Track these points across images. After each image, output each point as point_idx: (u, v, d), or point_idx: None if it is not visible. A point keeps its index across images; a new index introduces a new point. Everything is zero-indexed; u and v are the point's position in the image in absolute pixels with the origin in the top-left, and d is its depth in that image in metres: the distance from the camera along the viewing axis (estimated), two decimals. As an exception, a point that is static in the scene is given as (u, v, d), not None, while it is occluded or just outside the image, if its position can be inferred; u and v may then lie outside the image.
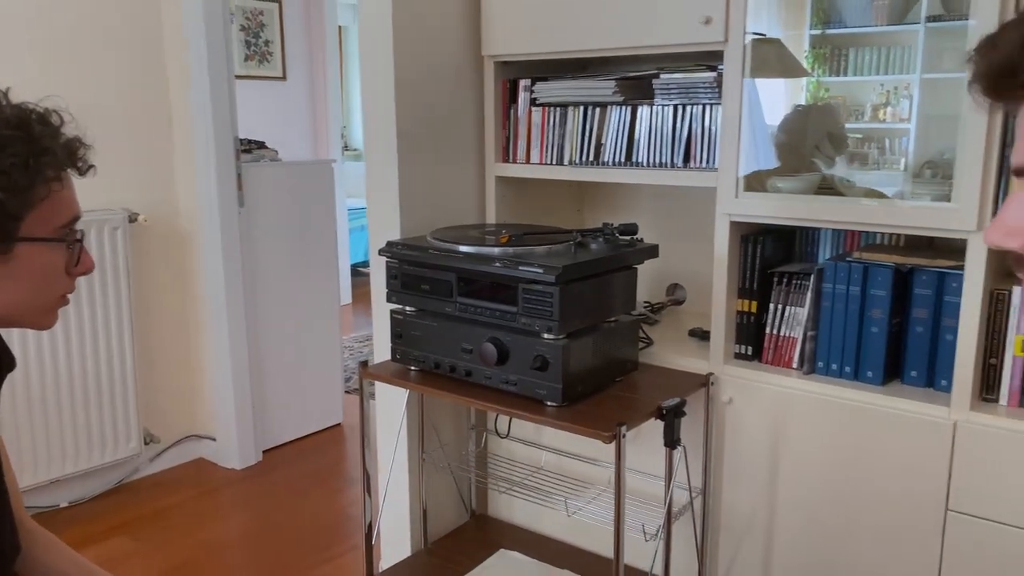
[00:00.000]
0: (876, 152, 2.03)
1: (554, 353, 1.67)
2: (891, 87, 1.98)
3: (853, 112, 2.05)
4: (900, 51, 1.91)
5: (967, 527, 1.60)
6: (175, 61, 2.96)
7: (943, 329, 1.68)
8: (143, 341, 3.00)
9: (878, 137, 2.03)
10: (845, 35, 1.95)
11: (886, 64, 1.94)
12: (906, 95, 1.96)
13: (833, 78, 2.04)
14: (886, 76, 1.97)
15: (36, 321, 1.00)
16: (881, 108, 2.02)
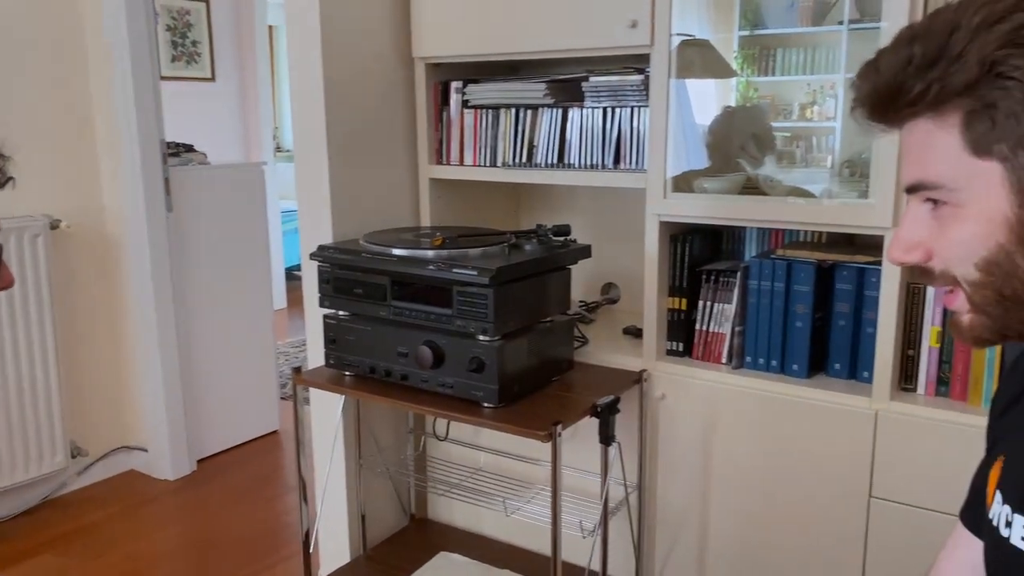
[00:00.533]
0: (804, 151, 2.09)
1: (490, 354, 1.68)
2: (817, 86, 2.05)
3: (782, 111, 2.10)
4: (825, 51, 1.97)
5: (889, 512, 1.67)
6: (98, 62, 2.87)
7: (864, 322, 1.74)
8: (69, 351, 2.90)
9: (806, 136, 2.09)
10: (773, 36, 2.00)
11: (812, 64, 2.00)
12: (831, 94, 2.03)
13: (762, 78, 2.10)
14: (812, 76, 2.03)
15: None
16: (808, 107, 2.08)
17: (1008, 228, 0.67)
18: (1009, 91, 0.64)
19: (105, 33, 2.81)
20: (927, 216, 0.72)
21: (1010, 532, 0.76)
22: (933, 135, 0.69)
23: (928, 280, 0.75)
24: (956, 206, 0.70)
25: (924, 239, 0.73)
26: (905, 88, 0.68)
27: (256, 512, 2.87)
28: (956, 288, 0.73)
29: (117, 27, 2.78)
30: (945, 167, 0.69)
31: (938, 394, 1.67)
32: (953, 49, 0.65)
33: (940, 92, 0.67)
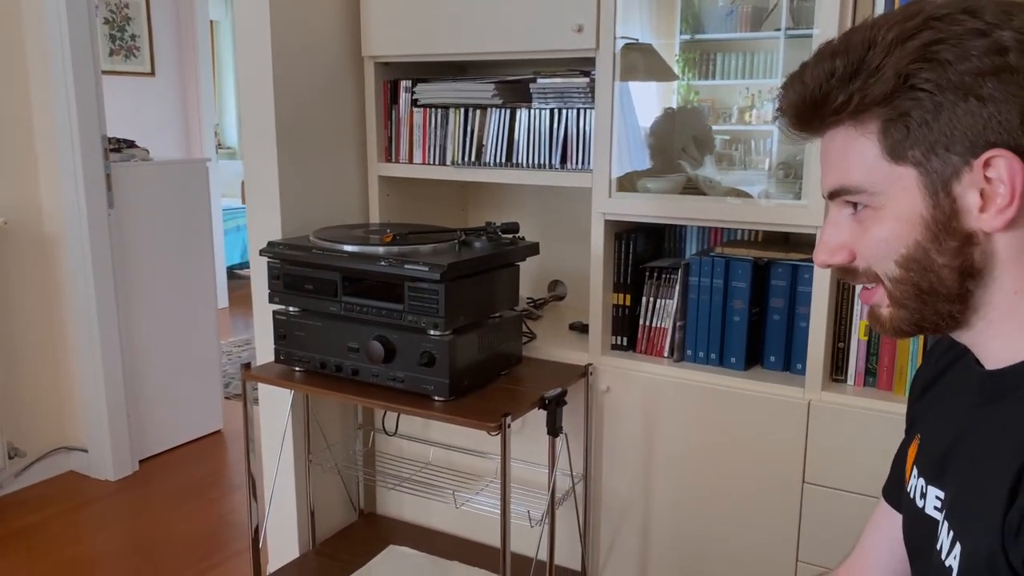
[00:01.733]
0: (742, 153, 2.17)
1: (441, 349, 1.71)
2: (756, 91, 2.12)
3: (721, 114, 2.18)
4: (763, 57, 2.05)
5: (821, 497, 1.75)
6: (36, 55, 2.82)
7: (798, 317, 1.83)
8: (5, 349, 2.84)
9: (745, 138, 2.17)
10: (712, 41, 2.07)
11: (750, 69, 2.07)
12: (769, 98, 2.11)
13: (702, 82, 2.17)
14: (751, 80, 2.11)
15: None
16: (747, 111, 2.16)
17: (924, 226, 0.73)
18: (921, 101, 0.70)
19: (44, 23, 2.75)
20: (848, 220, 0.78)
21: (924, 503, 0.83)
22: (854, 142, 0.75)
23: (852, 278, 0.81)
24: (876, 208, 0.75)
25: (847, 241, 0.78)
26: (829, 98, 0.74)
27: (200, 512, 2.85)
28: (876, 284, 0.79)
29: (57, 20, 2.73)
30: (865, 172, 0.75)
31: (866, 384, 1.76)
32: (871, 63, 0.71)
33: (860, 102, 0.73)
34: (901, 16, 0.71)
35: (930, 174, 0.72)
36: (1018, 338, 0.74)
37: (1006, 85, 0.67)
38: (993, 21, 0.68)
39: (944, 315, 0.76)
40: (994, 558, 0.70)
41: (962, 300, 0.74)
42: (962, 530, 0.75)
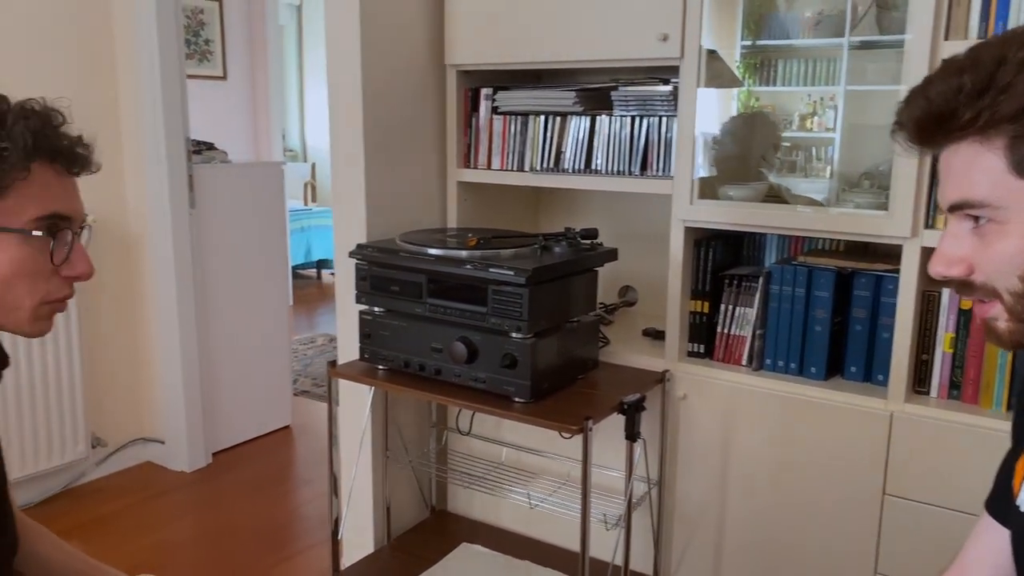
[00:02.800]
0: (803, 160, 2.16)
1: (523, 351, 1.75)
2: (817, 97, 2.11)
3: (783, 121, 2.18)
4: (826, 63, 2.03)
5: (902, 510, 1.74)
6: (124, 58, 2.93)
7: (880, 328, 1.82)
8: (91, 344, 2.95)
9: (806, 145, 2.16)
10: (773, 47, 2.05)
11: (812, 76, 2.06)
12: (831, 105, 2.10)
13: (763, 88, 2.16)
14: (813, 87, 2.10)
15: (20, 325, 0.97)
16: (808, 118, 2.15)
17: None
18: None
19: (136, 32, 2.86)
20: (968, 233, 0.78)
21: None
22: (979, 157, 0.75)
23: (967, 292, 0.81)
24: (1000, 223, 0.75)
25: (966, 255, 0.78)
26: (956, 114, 0.75)
27: (272, 505, 2.93)
28: (994, 299, 0.79)
29: (147, 26, 2.84)
30: (990, 187, 0.75)
31: (950, 397, 1.75)
32: (1001, 80, 0.72)
33: (990, 119, 0.73)
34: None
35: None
36: None
37: None
38: None
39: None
40: None
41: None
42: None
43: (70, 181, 0.99)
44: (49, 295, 0.97)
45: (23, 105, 0.95)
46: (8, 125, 0.91)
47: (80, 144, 1.00)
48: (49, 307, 0.98)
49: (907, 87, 1.57)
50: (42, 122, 0.95)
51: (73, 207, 0.98)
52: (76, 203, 0.99)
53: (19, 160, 0.90)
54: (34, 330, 0.98)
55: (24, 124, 0.92)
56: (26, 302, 0.95)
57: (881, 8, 1.83)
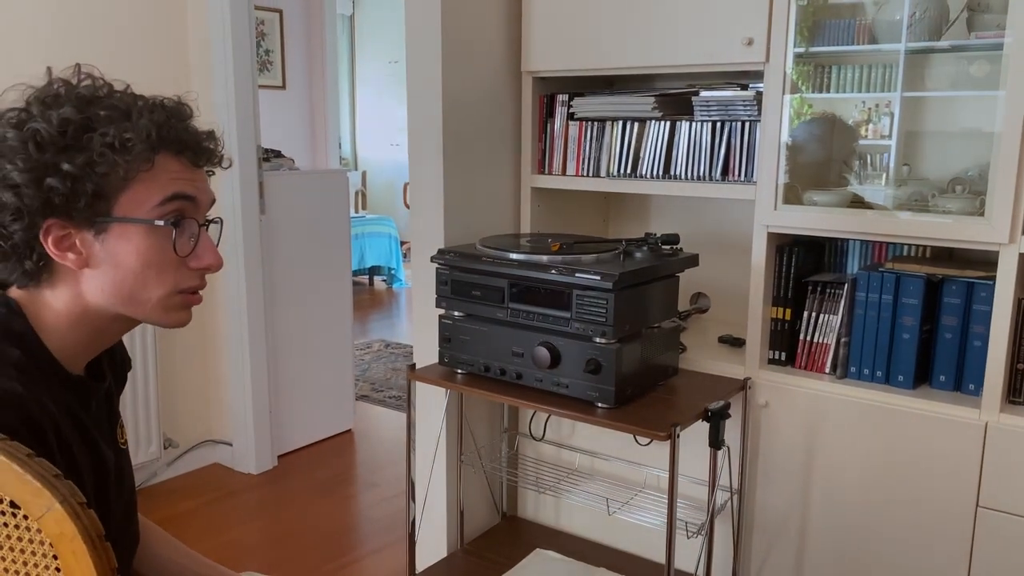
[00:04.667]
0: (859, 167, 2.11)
1: (607, 356, 1.74)
2: (872, 104, 2.07)
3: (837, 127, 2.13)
4: (881, 69, 1.98)
5: (997, 522, 1.70)
6: (200, 68, 3.00)
7: (971, 336, 1.78)
8: (165, 347, 3.02)
9: (861, 152, 2.10)
10: (827, 53, 2.00)
11: (867, 82, 2.02)
12: (887, 112, 2.06)
13: (816, 95, 2.12)
14: (867, 94, 2.05)
15: (153, 316, 0.99)
16: (863, 124, 2.11)
17: None
18: None
19: (211, 42, 2.93)
20: None
21: None
22: None
23: None
24: None
25: None
26: None
27: (338, 508, 2.96)
28: None
29: (222, 37, 2.90)
30: None
31: (1047, 408, 1.70)
32: None
33: None
34: None
35: None
36: None
37: None
38: None
39: None
40: None
41: None
42: None
43: (198, 172, 1.00)
44: (178, 285, 0.99)
45: (151, 100, 0.97)
46: (134, 118, 0.93)
47: (208, 138, 1.02)
48: (181, 297, 1.00)
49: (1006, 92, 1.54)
50: (168, 115, 0.97)
51: (198, 191, 0.99)
52: (202, 190, 1.00)
53: (143, 151, 0.93)
54: (168, 320, 1.00)
55: (149, 117, 0.94)
56: (155, 293, 0.97)
57: (973, 10, 1.80)
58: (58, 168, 0.90)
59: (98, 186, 0.92)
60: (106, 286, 0.95)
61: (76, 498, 0.77)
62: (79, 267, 0.95)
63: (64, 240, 0.93)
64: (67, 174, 0.90)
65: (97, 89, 0.97)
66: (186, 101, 1.02)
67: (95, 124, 0.92)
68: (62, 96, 0.94)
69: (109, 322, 0.99)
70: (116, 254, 0.94)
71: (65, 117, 0.91)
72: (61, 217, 0.92)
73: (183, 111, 1.00)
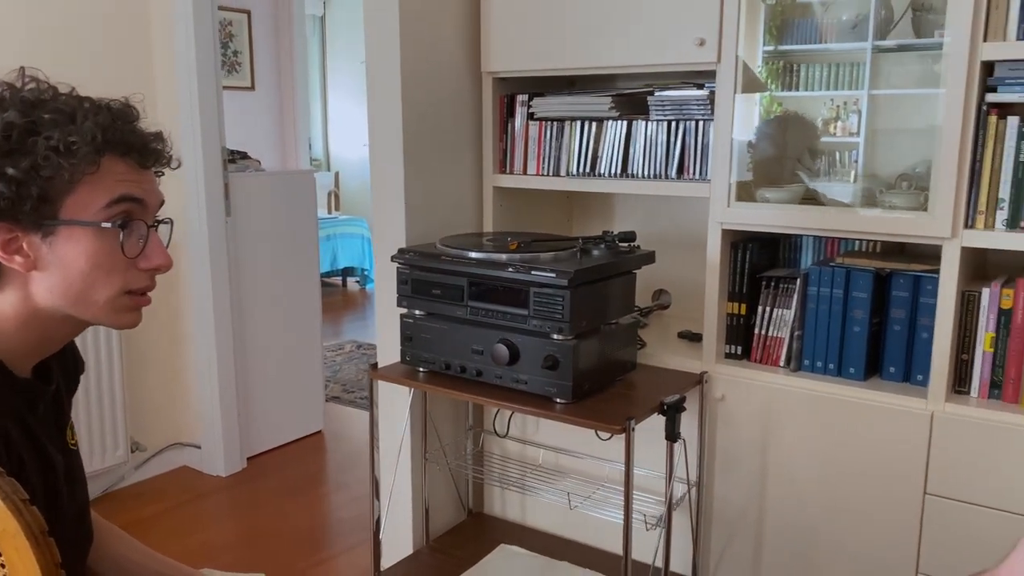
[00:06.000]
0: (826, 164, 2.16)
1: (564, 353, 1.77)
2: (840, 102, 2.12)
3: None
4: (849, 68, 2.03)
5: (944, 509, 1.75)
6: (163, 68, 2.99)
7: (919, 328, 1.83)
8: (131, 350, 3.01)
9: (830, 150, 2.15)
10: (796, 51, 2.05)
11: (835, 80, 2.07)
12: (855, 110, 2.11)
13: (785, 93, 2.17)
14: (836, 92, 2.10)
15: (102, 317, 0.99)
16: (831, 122, 2.16)
17: None
18: None
19: (174, 43, 2.92)
20: None
21: None
22: None
23: None
24: None
25: None
26: None
27: (308, 508, 2.96)
28: None
29: (185, 38, 2.90)
30: None
31: (991, 396, 1.75)
32: None
33: None
34: None
35: None
36: None
37: None
38: None
39: None
40: None
41: None
42: None
43: (145, 174, 1.00)
44: (127, 286, 0.99)
45: (97, 102, 0.98)
46: (78, 121, 0.94)
47: (155, 140, 1.02)
48: (130, 299, 1.00)
49: (946, 89, 1.59)
50: (113, 118, 0.97)
51: (145, 193, 0.99)
52: (150, 192, 1.00)
53: (88, 154, 0.93)
54: (118, 322, 1.01)
55: (94, 120, 0.95)
56: (103, 294, 0.97)
57: (917, 11, 1.84)
58: (3, 172, 0.91)
59: (43, 190, 0.93)
60: (55, 288, 0.96)
61: (18, 495, 0.78)
62: (27, 270, 0.95)
63: (11, 243, 0.94)
64: (11, 178, 0.91)
65: (41, 92, 0.97)
66: (133, 103, 1.03)
67: (39, 128, 0.93)
68: (6, 100, 0.94)
69: (58, 324, 1.00)
70: (64, 256, 0.95)
71: (9, 121, 0.92)
72: (7, 221, 0.93)
73: (129, 113, 1.01)
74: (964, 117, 1.63)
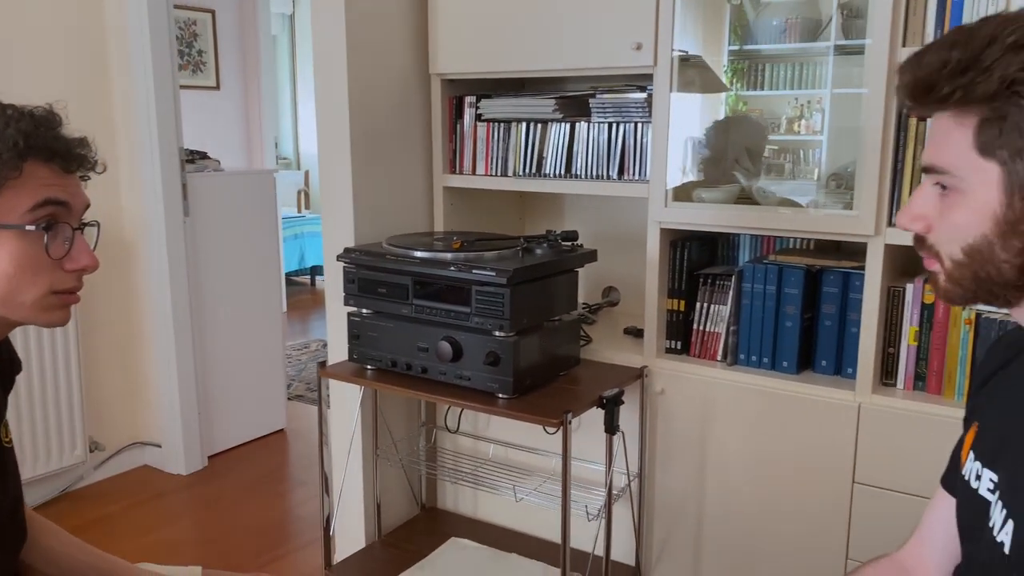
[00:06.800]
0: (791, 163, 2.23)
1: (505, 349, 1.82)
2: (804, 101, 2.18)
3: (770, 125, 2.25)
4: (813, 68, 2.10)
5: (871, 497, 1.82)
6: (119, 68, 3.00)
7: (848, 323, 1.89)
8: (89, 349, 3.02)
9: (794, 148, 2.23)
10: (761, 52, 2.12)
11: (800, 80, 2.13)
12: (819, 109, 2.17)
13: (751, 92, 2.24)
14: (800, 91, 2.17)
15: (31, 316, 1.02)
16: (795, 121, 2.22)
17: (995, 222, 0.79)
18: (1018, 106, 0.75)
19: (129, 43, 2.93)
20: (935, 197, 0.84)
21: (979, 484, 0.90)
22: (952, 129, 0.80)
23: (920, 248, 0.87)
24: (959, 193, 0.81)
25: (928, 213, 0.85)
26: (936, 87, 0.79)
27: (268, 506, 2.99)
28: (936, 259, 0.85)
29: (140, 38, 2.91)
30: (955, 158, 0.80)
31: (915, 388, 1.82)
32: (984, 61, 0.76)
33: (963, 97, 0.78)
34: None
35: (1012, 175, 0.77)
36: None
37: None
38: None
39: (996, 295, 0.82)
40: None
41: (1018, 288, 0.81)
42: (1015, 509, 0.82)
43: (69, 178, 1.03)
44: (54, 286, 1.02)
45: (20, 109, 1.01)
46: (0, 128, 0.97)
47: (79, 145, 1.05)
48: (57, 298, 1.03)
49: (869, 91, 1.65)
50: (36, 124, 1.00)
51: (70, 196, 1.02)
52: (74, 195, 1.03)
53: (11, 160, 0.96)
54: (46, 320, 1.04)
55: (16, 127, 0.98)
56: (30, 295, 1.00)
57: (848, 16, 1.91)
58: None
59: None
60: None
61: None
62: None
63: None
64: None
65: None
66: (57, 110, 1.06)
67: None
68: None
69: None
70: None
71: None
72: None
73: (52, 119, 1.04)
74: (885, 118, 1.69)
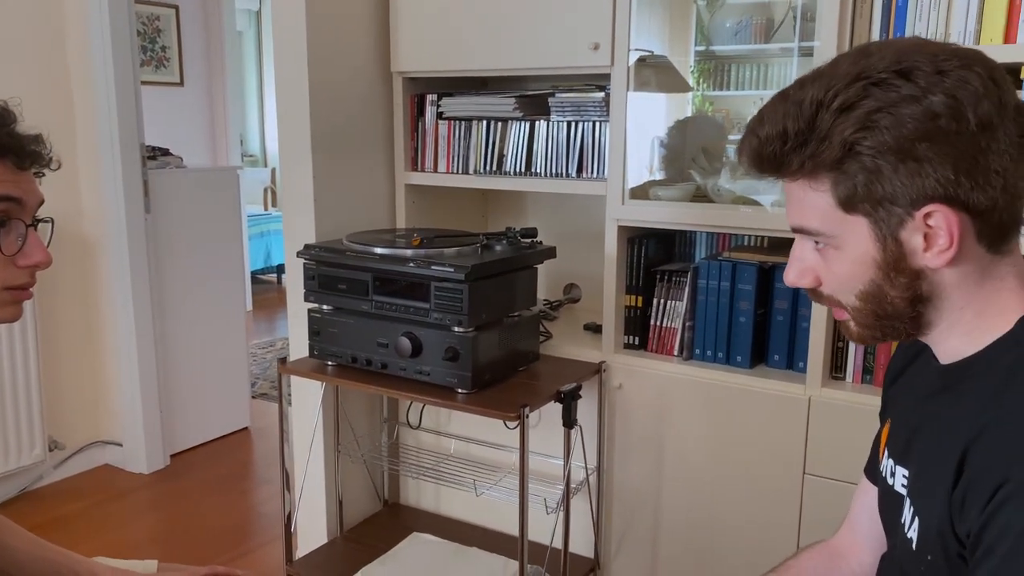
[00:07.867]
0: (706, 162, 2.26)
1: (464, 344, 1.84)
2: None
3: (735, 124, 2.29)
4: (777, 68, 2.14)
5: (820, 487, 1.86)
6: (78, 64, 2.97)
7: (800, 318, 1.94)
8: (47, 346, 2.99)
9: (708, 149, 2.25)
10: (727, 53, 2.15)
11: (765, 80, 2.17)
12: None
13: (717, 92, 2.27)
14: (765, 91, 2.21)
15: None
16: None
17: (877, 267, 0.83)
18: (865, 165, 0.79)
19: (88, 35, 2.91)
20: (812, 251, 0.87)
21: (893, 480, 0.95)
22: (807, 193, 0.83)
23: (818, 300, 0.91)
24: (835, 249, 0.84)
25: (813, 267, 0.88)
26: (784, 162, 0.83)
27: (230, 504, 2.98)
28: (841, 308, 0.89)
29: (100, 33, 2.89)
30: (822, 220, 0.83)
31: (863, 381, 1.87)
32: (820, 129, 0.79)
33: (813, 168, 0.81)
34: (845, 79, 0.79)
35: (879, 223, 0.81)
36: (964, 341, 0.85)
37: (939, 146, 0.76)
38: (925, 86, 0.76)
39: (901, 330, 0.87)
40: (943, 530, 0.81)
41: (915, 320, 0.85)
42: (920, 506, 0.87)
43: (23, 175, 1.03)
44: (6, 283, 1.02)
45: None
46: None
47: (33, 142, 1.05)
48: (10, 294, 1.03)
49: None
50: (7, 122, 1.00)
51: (23, 193, 1.02)
52: (28, 192, 1.03)
53: None
54: (5, 317, 1.04)
55: None
56: None
57: (805, 19, 1.95)
58: None
59: None
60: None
61: None
62: None
63: None
64: None
65: None
66: (11, 108, 1.06)
67: None
68: None
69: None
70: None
71: None
72: None
73: (6, 116, 1.04)
74: (833, 120, 1.74)
